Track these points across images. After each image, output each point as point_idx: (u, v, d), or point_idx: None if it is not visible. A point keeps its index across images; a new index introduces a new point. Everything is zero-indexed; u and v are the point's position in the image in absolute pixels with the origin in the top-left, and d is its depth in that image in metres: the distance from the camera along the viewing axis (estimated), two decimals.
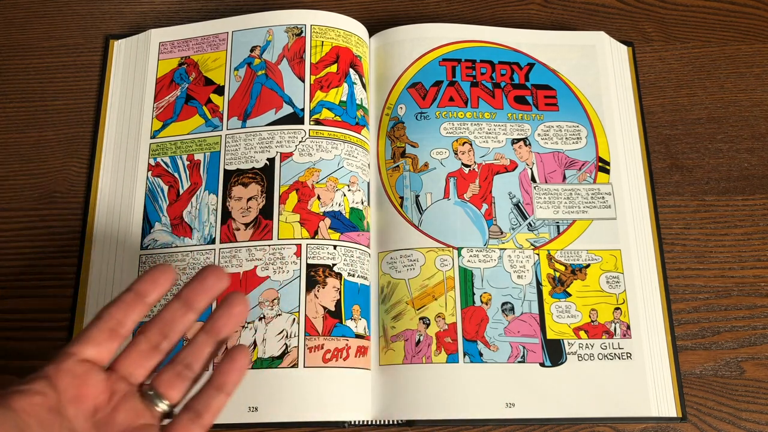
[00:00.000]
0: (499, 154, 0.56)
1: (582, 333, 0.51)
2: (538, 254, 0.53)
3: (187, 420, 0.34)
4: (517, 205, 0.55)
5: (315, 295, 0.50)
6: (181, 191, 0.54)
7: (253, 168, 0.54)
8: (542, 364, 0.50)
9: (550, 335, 0.51)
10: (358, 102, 0.56)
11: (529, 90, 0.59)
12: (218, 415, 0.35)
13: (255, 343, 0.49)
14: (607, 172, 0.56)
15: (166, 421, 0.35)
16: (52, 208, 0.56)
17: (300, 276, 0.50)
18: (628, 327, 0.52)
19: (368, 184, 0.55)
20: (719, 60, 0.63)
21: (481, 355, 0.50)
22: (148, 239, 0.53)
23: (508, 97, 0.58)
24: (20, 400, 0.31)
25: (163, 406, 0.35)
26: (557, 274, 0.53)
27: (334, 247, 0.51)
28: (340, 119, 0.55)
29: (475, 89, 0.58)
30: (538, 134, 0.57)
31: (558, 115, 0.58)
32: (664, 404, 0.50)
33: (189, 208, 0.54)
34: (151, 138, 0.56)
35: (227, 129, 0.55)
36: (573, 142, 0.57)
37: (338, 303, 0.50)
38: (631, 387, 0.50)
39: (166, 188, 0.55)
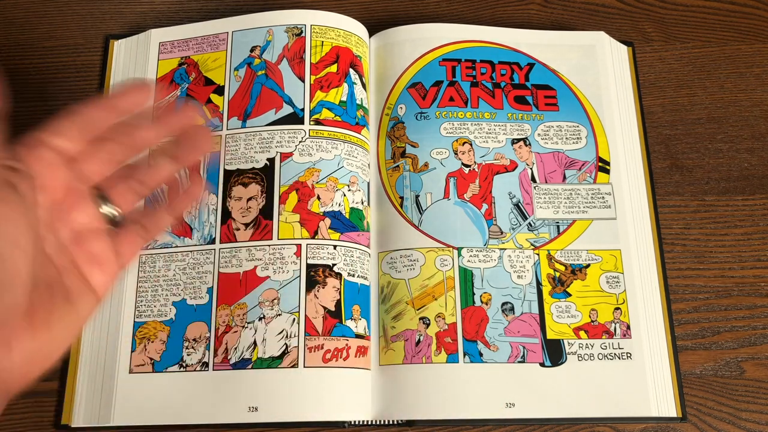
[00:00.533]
0: (499, 154, 0.56)
1: (582, 333, 0.51)
2: (538, 254, 0.53)
3: (134, 232, 0.36)
4: (517, 205, 0.55)
5: (315, 295, 0.50)
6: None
7: (253, 168, 0.54)
8: (542, 364, 0.50)
9: (550, 335, 0.51)
10: (358, 102, 0.56)
11: (529, 90, 0.59)
12: (161, 233, 0.38)
13: (255, 343, 0.49)
14: (607, 172, 0.56)
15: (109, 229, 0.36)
16: None
17: (300, 276, 0.50)
18: (628, 327, 0.52)
19: (368, 184, 0.55)
20: (719, 60, 0.63)
21: (481, 355, 0.50)
22: None
23: (508, 97, 0.58)
24: (20, 184, 0.31)
25: (110, 212, 0.36)
26: (557, 274, 0.53)
27: (334, 247, 0.51)
28: (340, 119, 0.55)
29: (475, 89, 0.58)
30: (538, 134, 0.57)
31: (558, 115, 0.58)
32: (664, 404, 0.50)
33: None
34: None
35: (227, 129, 0.55)
36: (573, 142, 0.57)
37: (338, 303, 0.50)
38: (631, 387, 0.50)
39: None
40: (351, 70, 0.57)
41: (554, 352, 0.51)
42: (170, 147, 0.38)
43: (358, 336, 0.50)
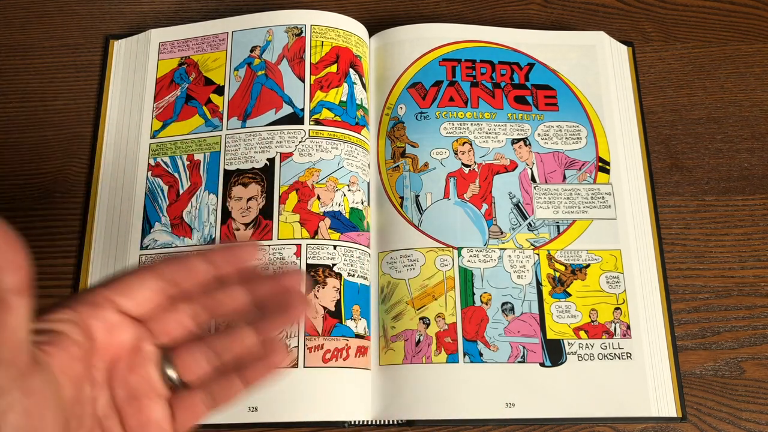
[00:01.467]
0: (499, 154, 0.56)
1: (582, 333, 0.51)
2: (538, 254, 0.53)
3: (200, 401, 0.32)
4: (517, 205, 0.55)
5: (315, 295, 0.50)
6: (181, 191, 0.54)
7: (253, 168, 0.54)
8: (542, 364, 0.50)
9: (550, 335, 0.51)
10: (358, 102, 0.56)
11: (529, 90, 0.59)
12: (230, 404, 0.33)
13: None
14: (607, 172, 0.56)
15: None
16: (52, 208, 0.56)
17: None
18: (628, 327, 0.52)
19: (368, 184, 0.55)
20: (719, 60, 0.63)
21: (481, 355, 0.50)
22: (148, 239, 0.53)
23: (508, 97, 0.58)
24: (57, 355, 0.27)
25: (172, 376, 0.32)
26: (557, 274, 0.53)
27: (334, 247, 0.51)
28: (340, 119, 0.55)
29: (475, 89, 0.58)
30: (538, 134, 0.57)
31: (558, 115, 0.58)
32: (664, 404, 0.50)
33: (189, 208, 0.54)
34: (151, 138, 0.56)
35: (227, 129, 0.55)
36: (573, 142, 0.57)
37: (338, 303, 0.50)
38: (631, 387, 0.50)
39: (166, 188, 0.55)
40: (351, 70, 0.57)
41: (554, 352, 0.51)
42: (255, 314, 0.33)
43: (358, 336, 0.50)
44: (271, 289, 0.33)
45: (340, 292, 0.51)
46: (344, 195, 0.53)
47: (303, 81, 0.56)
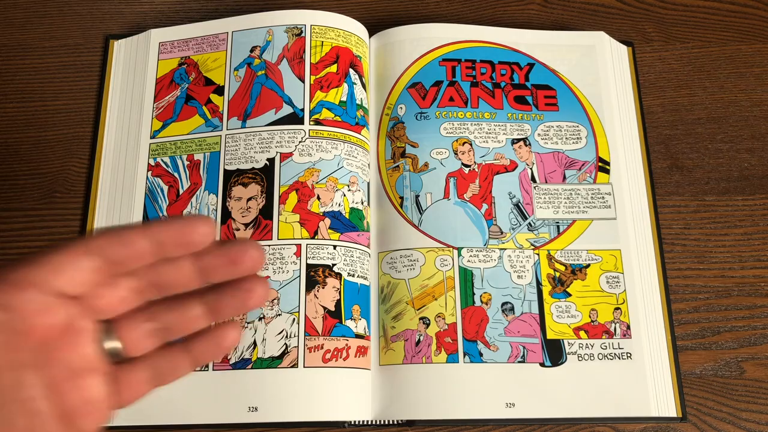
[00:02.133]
0: (499, 154, 0.56)
1: (582, 333, 0.51)
2: (538, 254, 0.53)
3: (144, 376, 0.30)
4: (517, 205, 0.55)
5: (315, 295, 0.50)
6: (181, 191, 0.54)
7: (253, 168, 0.54)
8: (542, 364, 0.50)
9: (550, 335, 0.51)
10: (358, 102, 0.56)
11: (529, 90, 0.59)
12: (175, 380, 0.31)
13: (255, 343, 0.49)
14: (607, 172, 0.56)
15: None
16: (52, 208, 0.56)
17: (300, 276, 0.50)
18: (628, 327, 0.52)
19: (368, 184, 0.55)
20: (719, 60, 0.63)
21: (481, 355, 0.50)
22: None
23: (508, 97, 0.58)
24: None
25: (113, 348, 0.30)
26: (557, 274, 0.53)
27: (334, 247, 0.51)
28: (340, 119, 0.55)
29: (475, 89, 0.58)
30: (538, 134, 0.57)
31: (558, 115, 0.58)
32: (664, 404, 0.50)
33: (189, 208, 0.54)
34: (151, 138, 0.56)
35: (227, 129, 0.55)
36: (573, 142, 0.57)
37: (338, 303, 0.50)
38: (631, 387, 0.50)
39: (166, 188, 0.55)
40: (351, 70, 0.57)
41: (554, 352, 0.51)
42: (211, 294, 0.30)
43: (358, 336, 0.50)
44: (222, 262, 0.30)
45: (340, 292, 0.51)
46: (344, 195, 0.53)
47: (303, 81, 0.56)
